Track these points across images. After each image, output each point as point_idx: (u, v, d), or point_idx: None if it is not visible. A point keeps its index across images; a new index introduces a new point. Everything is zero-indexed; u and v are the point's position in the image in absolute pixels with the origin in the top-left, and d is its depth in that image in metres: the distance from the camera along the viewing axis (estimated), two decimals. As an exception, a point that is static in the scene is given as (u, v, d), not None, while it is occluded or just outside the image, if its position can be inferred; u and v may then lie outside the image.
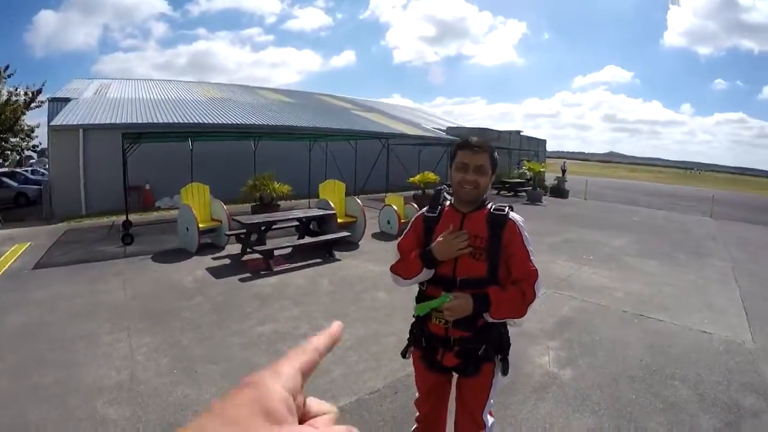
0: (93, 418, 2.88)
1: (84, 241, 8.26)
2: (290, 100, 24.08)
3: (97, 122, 12.70)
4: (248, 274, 5.98)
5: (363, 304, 5.02)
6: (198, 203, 7.58)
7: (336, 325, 0.40)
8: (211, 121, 14.78)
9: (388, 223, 8.98)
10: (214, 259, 6.76)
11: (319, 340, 0.38)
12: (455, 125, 30.16)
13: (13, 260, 7.40)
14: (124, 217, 7.81)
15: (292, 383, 0.32)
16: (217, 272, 6.06)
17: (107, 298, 5.04)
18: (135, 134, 8.15)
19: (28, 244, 8.61)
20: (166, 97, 17.52)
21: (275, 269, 6.19)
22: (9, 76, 21.34)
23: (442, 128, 27.17)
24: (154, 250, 7.07)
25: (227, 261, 6.69)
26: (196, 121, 14.28)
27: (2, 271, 6.71)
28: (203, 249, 7.09)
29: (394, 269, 1.92)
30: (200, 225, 7.07)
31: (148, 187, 12.44)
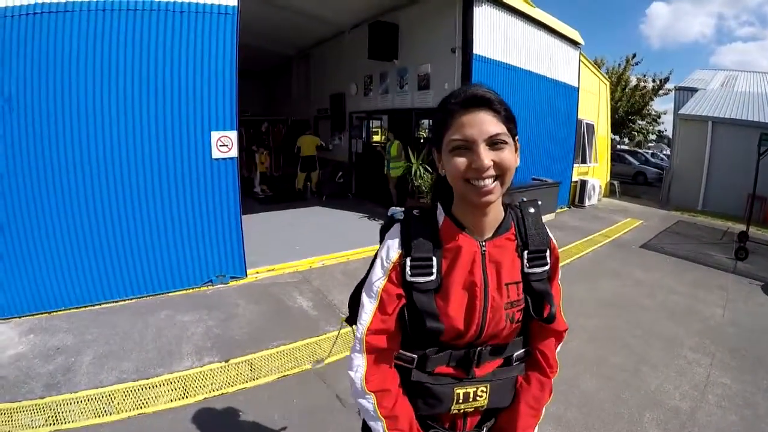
0: (631, 425, 2.82)
1: (694, 238, 8.50)
2: None
3: (728, 116, 12.10)
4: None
5: None
6: None
7: None
8: None
9: None
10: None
11: None
12: None
13: (624, 231, 8.66)
14: (741, 226, 7.39)
15: None
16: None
17: (704, 310, 4.92)
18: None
19: (640, 222, 9.78)
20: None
21: None
22: (636, 64, 23.66)
23: None
24: (766, 277, 6.32)
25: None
26: None
27: (613, 238, 8.00)
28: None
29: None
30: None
31: (774, 199, 10.98)
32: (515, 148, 0.98)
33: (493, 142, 0.92)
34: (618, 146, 24.26)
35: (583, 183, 11.15)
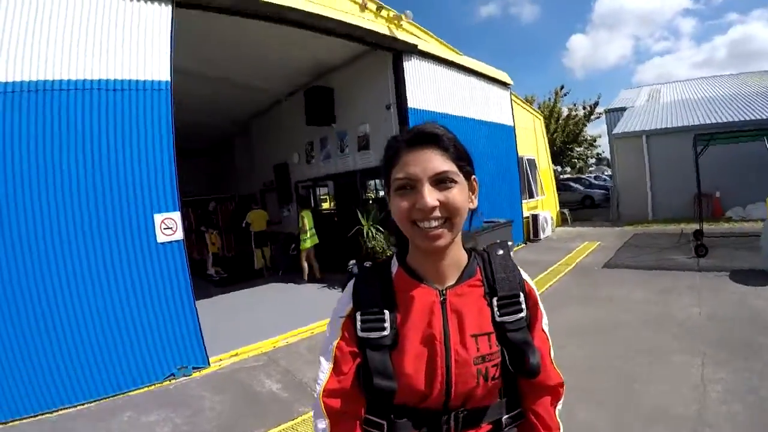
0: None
1: (652, 247, 8.63)
2: None
3: (661, 127, 12.84)
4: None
5: None
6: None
7: None
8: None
9: None
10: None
11: None
12: None
13: (584, 255, 8.67)
14: (694, 226, 7.58)
15: None
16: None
17: (680, 314, 4.85)
18: (707, 136, 7.72)
19: (597, 243, 9.87)
20: (721, 93, 15.40)
21: None
22: (565, 95, 25.58)
23: None
24: (730, 266, 6.40)
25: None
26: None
27: (575, 265, 7.96)
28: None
29: None
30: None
31: (717, 195, 11.55)
32: (471, 188, 0.93)
33: (440, 180, 0.85)
34: (561, 176, 25.33)
35: (535, 217, 11.23)
